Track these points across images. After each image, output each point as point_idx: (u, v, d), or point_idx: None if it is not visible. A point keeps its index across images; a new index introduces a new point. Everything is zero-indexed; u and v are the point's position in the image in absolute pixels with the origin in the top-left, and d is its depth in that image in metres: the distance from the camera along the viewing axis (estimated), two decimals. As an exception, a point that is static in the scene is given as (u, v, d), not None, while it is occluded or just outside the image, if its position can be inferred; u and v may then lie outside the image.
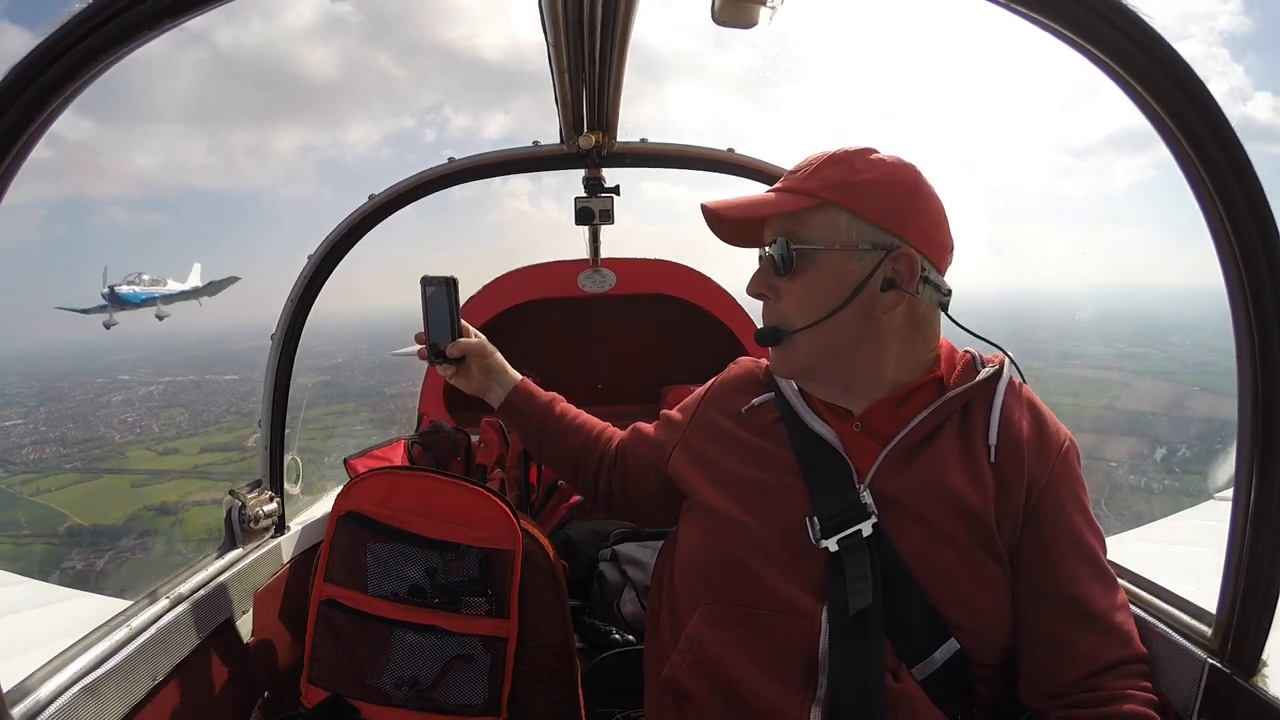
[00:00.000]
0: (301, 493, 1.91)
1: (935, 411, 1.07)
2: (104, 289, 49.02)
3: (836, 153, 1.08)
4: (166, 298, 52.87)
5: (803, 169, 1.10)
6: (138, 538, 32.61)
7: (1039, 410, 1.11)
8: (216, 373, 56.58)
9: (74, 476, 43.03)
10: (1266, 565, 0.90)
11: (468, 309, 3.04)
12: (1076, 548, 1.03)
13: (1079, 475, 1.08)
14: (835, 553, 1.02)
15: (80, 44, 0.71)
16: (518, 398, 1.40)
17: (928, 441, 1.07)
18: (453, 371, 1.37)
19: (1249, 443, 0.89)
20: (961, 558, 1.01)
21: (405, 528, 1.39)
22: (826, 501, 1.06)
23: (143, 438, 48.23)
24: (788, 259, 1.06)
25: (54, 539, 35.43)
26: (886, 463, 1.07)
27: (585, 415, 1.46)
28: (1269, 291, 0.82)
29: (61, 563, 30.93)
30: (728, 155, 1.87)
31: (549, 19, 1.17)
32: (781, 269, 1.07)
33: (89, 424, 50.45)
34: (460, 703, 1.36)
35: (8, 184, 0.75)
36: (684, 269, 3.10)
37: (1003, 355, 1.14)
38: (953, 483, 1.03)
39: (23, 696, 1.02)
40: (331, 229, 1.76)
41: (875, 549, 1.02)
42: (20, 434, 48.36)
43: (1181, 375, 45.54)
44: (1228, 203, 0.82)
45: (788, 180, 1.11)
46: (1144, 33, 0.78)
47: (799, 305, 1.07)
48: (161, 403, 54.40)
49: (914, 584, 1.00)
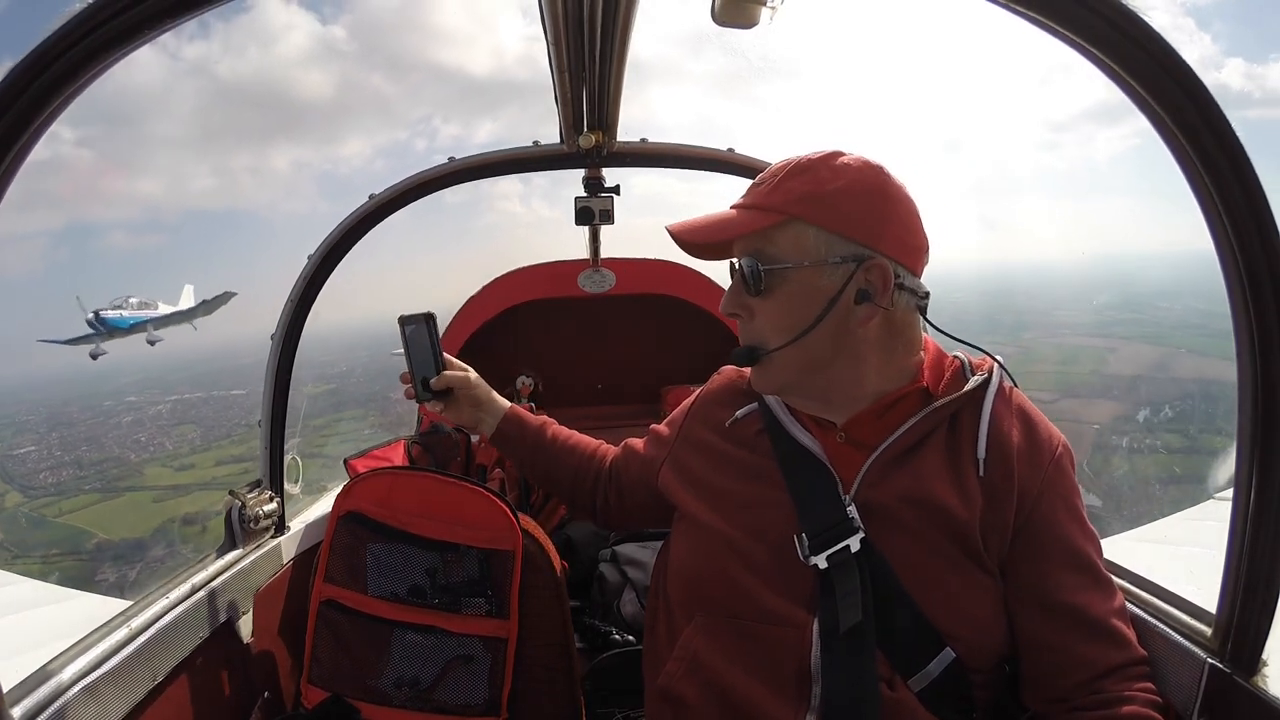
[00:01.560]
0: (301, 492, 1.92)
1: (921, 421, 1.05)
2: (88, 315, 45.42)
3: (801, 161, 1.06)
4: (158, 321, 49.86)
5: (767, 181, 1.07)
6: (167, 547, 33.48)
7: (1030, 416, 1.09)
8: (223, 388, 56.65)
9: (94, 496, 43.44)
10: (1266, 565, 0.90)
11: (468, 310, 3.04)
12: (1072, 556, 1.03)
13: (1073, 481, 1.07)
14: (825, 569, 1.01)
15: (80, 44, 0.71)
16: (509, 425, 1.39)
17: (913, 452, 1.06)
18: (441, 406, 1.35)
19: (1249, 443, 0.88)
20: (950, 568, 1.01)
21: (405, 528, 1.39)
22: (813, 516, 1.05)
23: (157, 455, 48.60)
24: (756, 278, 1.04)
25: (83, 555, 36.22)
26: (870, 472, 1.06)
27: (578, 436, 1.45)
28: (1269, 291, 0.82)
29: (94, 576, 31.91)
30: (728, 155, 1.87)
31: (549, 19, 1.17)
32: (752, 288, 1.05)
33: (103, 445, 50.80)
34: (460, 703, 1.36)
35: (7, 184, 0.75)
36: (684, 269, 3.10)
37: (992, 361, 1.12)
38: (937, 494, 1.02)
39: (23, 696, 1.02)
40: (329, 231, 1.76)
41: (864, 563, 1.01)
42: (36, 460, 48.73)
43: (1171, 338, 46.03)
44: (1228, 202, 0.82)
45: (753, 194, 1.08)
46: (1142, 31, 0.77)
47: (772, 324, 1.06)
48: (171, 420, 54.74)
49: (904, 596, 1.00)
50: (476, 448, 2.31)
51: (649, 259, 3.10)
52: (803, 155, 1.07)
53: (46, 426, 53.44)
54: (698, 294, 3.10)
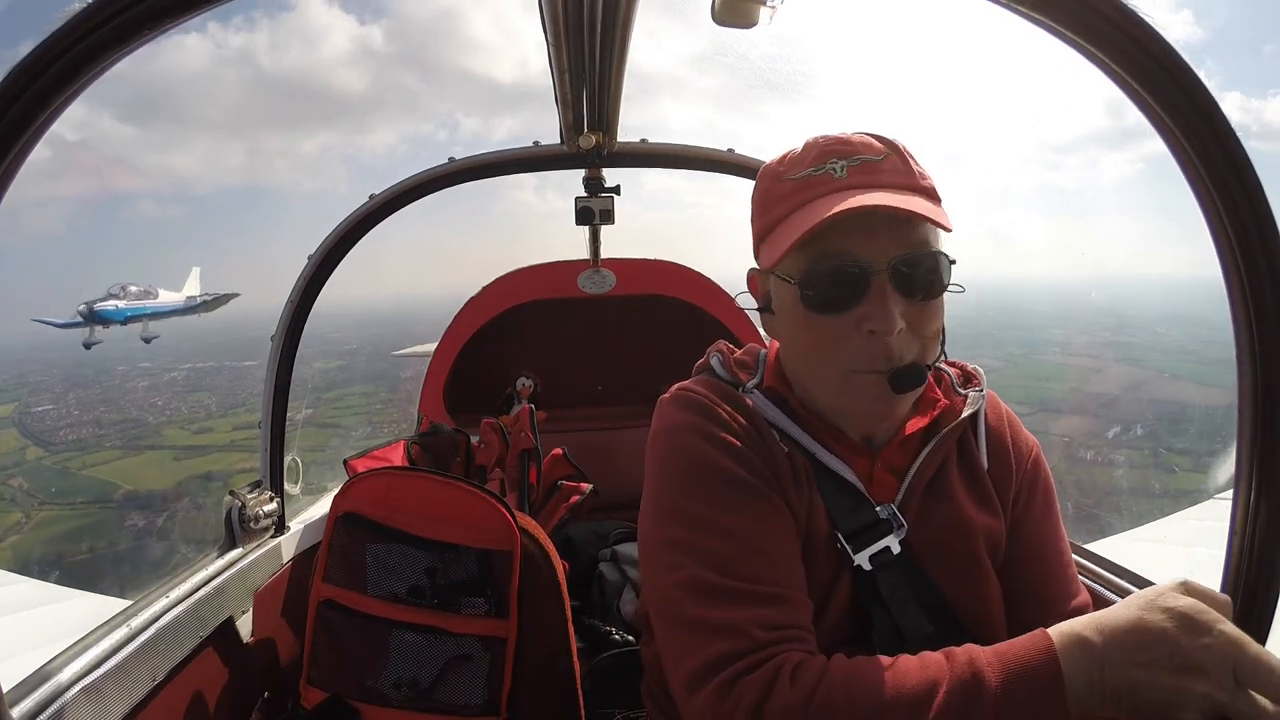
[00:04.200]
0: (301, 494, 1.92)
1: (938, 446, 1.02)
2: (80, 306, 42.13)
3: (894, 142, 0.94)
4: (156, 313, 46.97)
5: (895, 157, 0.92)
6: (191, 499, 34.36)
7: (1012, 417, 1.10)
8: (234, 359, 56.73)
9: (116, 453, 43.73)
10: (1266, 565, 0.90)
11: (468, 310, 3.04)
12: (1058, 553, 1.04)
13: (1050, 477, 1.09)
14: (870, 571, 0.96)
15: (80, 44, 0.71)
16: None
17: (939, 476, 1.02)
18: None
19: (1249, 443, 0.88)
20: (985, 577, 1.00)
21: (403, 528, 1.39)
22: (848, 520, 0.98)
23: (174, 419, 48.77)
24: (941, 277, 0.91)
25: (111, 504, 36.88)
26: (908, 504, 1.00)
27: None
28: (1269, 291, 0.82)
29: (124, 522, 33.46)
30: (728, 155, 1.88)
31: (549, 19, 1.17)
32: (924, 291, 0.90)
33: (120, 408, 51.00)
34: (460, 703, 1.36)
35: (8, 184, 0.75)
36: (684, 269, 3.10)
37: (979, 373, 1.10)
38: (974, 517, 1.00)
39: (23, 696, 1.02)
40: (336, 224, 1.77)
41: (904, 569, 0.96)
42: (55, 417, 48.83)
43: (1159, 363, 47.03)
44: (1227, 202, 0.82)
45: (898, 173, 0.91)
46: (1145, 33, 0.78)
47: (935, 335, 0.93)
48: (186, 388, 54.87)
49: (944, 606, 0.98)
50: (476, 448, 2.31)
51: (649, 259, 3.10)
52: (871, 133, 0.94)
53: (63, 387, 53.49)
54: (698, 294, 3.10)
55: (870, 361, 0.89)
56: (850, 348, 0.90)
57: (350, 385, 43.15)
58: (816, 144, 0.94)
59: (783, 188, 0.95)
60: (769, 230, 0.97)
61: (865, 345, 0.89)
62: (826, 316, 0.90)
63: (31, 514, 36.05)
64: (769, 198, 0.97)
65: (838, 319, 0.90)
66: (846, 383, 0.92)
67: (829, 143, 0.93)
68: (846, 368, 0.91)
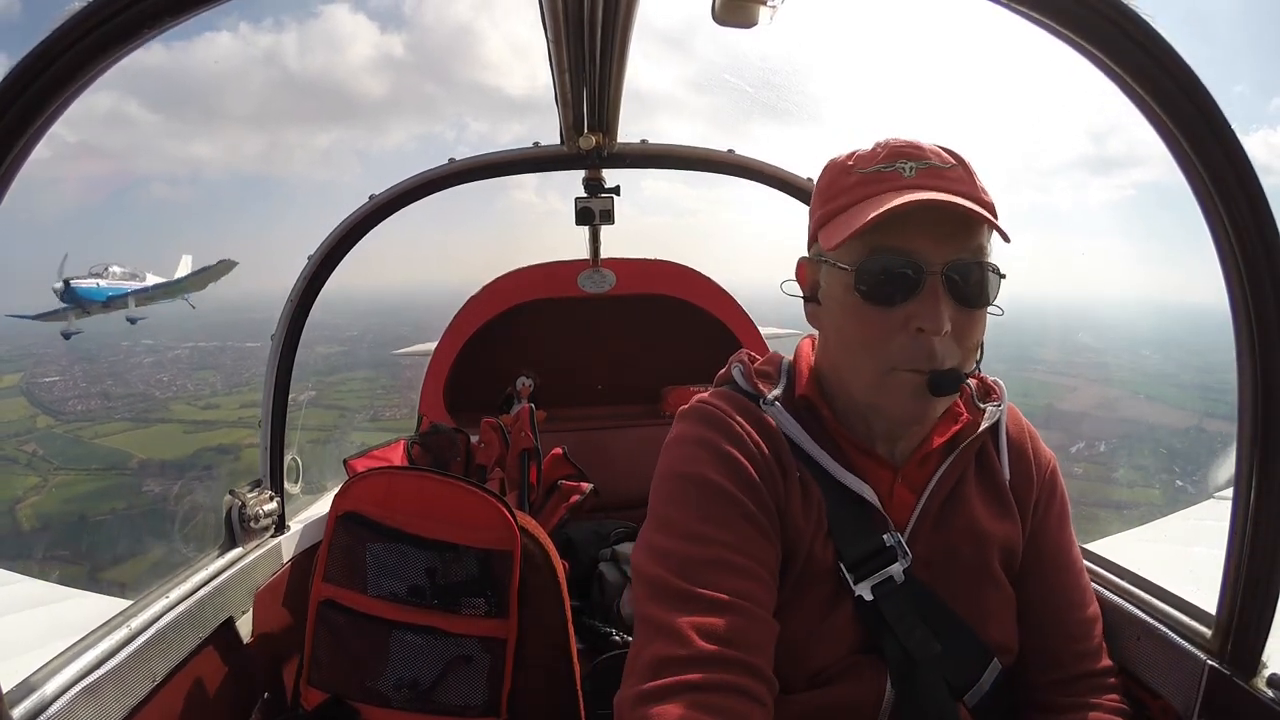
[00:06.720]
0: (300, 490, 1.92)
1: (958, 459, 1.02)
2: (57, 283, 36.68)
3: (951, 151, 0.93)
4: (140, 293, 41.16)
5: (953, 163, 0.92)
6: (204, 469, 35.05)
7: (1030, 429, 1.11)
8: (237, 340, 56.72)
9: (126, 424, 43.73)
10: (1266, 565, 0.90)
11: (468, 310, 3.04)
12: (1072, 563, 1.06)
13: (1065, 489, 1.10)
14: (872, 601, 0.96)
15: (80, 44, 0.71)
16: None
17: (958, 489, 1.02)
18: None
19: (1249, 443, 0.88)
20: (998, 587, 1.01)
21: (404, 528, 1.39)
22: (853, 546, 0.97)
23: (181, 395, 48.80)
24: (989, 289, 0.91)
25: (126, 471, 37.27)
26: (924, 517, 1.00)
27: None
28: (1269, 291, 0.82)
29: (140, 489, 34.06)
30: (728, 156, 1.88)
31: (549, 18, 1.17)
32: (974, 299, 0.90)
33: (128, 382, 51.01)
34: (460, 704, 1.36)
35: (8, 184, 0.75)
36: (684, 269, 3.10)
37: (999, 386, 1.10)
38: (990, 528, 1.01)
39: (23, 697, 1.02)
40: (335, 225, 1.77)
41: (910, 593, 0.96)
42: (63, 388, 48.76)
43: (1135, 384, 48.18)
44: (1228, 202, 0.82)
45: (964, 183, 0.91)
46: (1146, 33, 0.78)
47: (975, 346, 0.94)
48: (191, 365, 54.99)
49: (957, 620, 0.98)
50: (476, 448, 2.31)
51: (649, 259, 3.10)
52: (920, 140, 0.94)
53: (68, 360, 53.32)
54: (698, 294, 3.10)
55: (913, 359, 0.89)
56: (895, 344, 0.90)
57: (352, 370, 43.44)
58: (888, 144, 0.94)
59: (849, 179, 0.95)
60: (831, 218, 0.96)
61: (910, 343, 0.89)
62: (876, 308, 0.90)
63: (48, 477, 36.26)
64: (834, 188, 0.97)
65: (887, 313, 0.90)
66: (886, 379, 0.91)
67: (901, 144, 0.93)
68: (889, 364, 0.90)
